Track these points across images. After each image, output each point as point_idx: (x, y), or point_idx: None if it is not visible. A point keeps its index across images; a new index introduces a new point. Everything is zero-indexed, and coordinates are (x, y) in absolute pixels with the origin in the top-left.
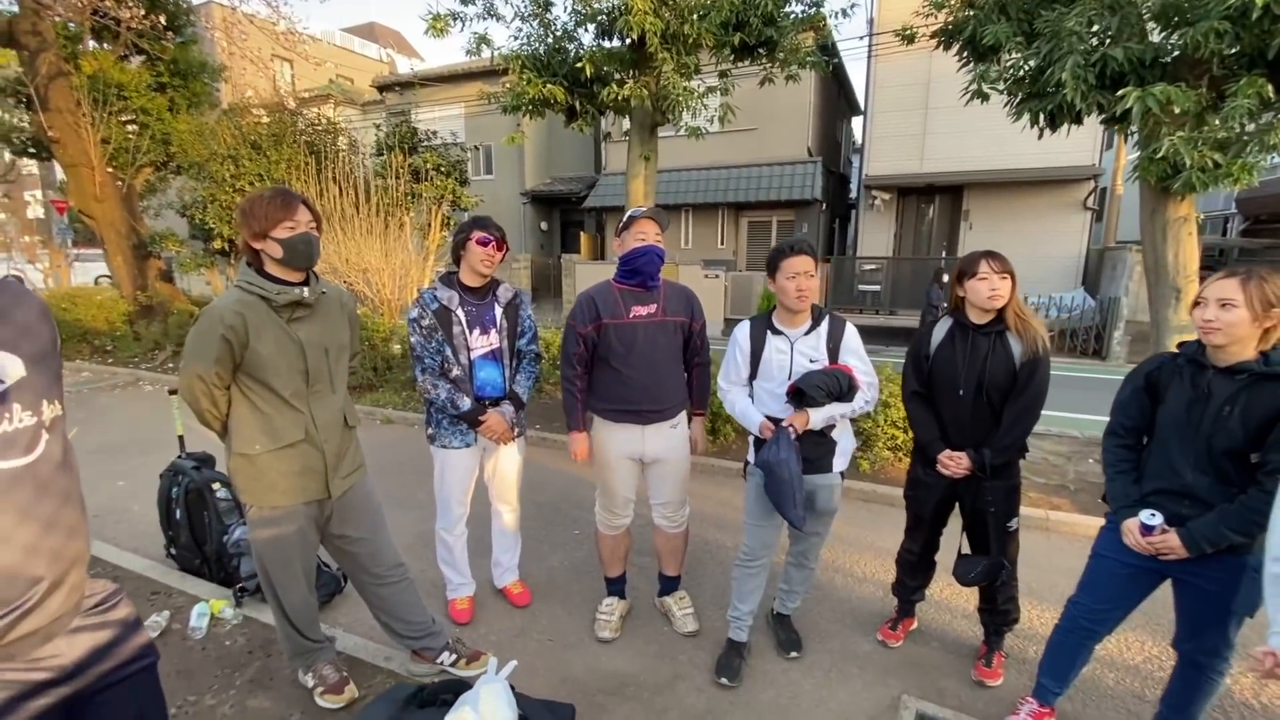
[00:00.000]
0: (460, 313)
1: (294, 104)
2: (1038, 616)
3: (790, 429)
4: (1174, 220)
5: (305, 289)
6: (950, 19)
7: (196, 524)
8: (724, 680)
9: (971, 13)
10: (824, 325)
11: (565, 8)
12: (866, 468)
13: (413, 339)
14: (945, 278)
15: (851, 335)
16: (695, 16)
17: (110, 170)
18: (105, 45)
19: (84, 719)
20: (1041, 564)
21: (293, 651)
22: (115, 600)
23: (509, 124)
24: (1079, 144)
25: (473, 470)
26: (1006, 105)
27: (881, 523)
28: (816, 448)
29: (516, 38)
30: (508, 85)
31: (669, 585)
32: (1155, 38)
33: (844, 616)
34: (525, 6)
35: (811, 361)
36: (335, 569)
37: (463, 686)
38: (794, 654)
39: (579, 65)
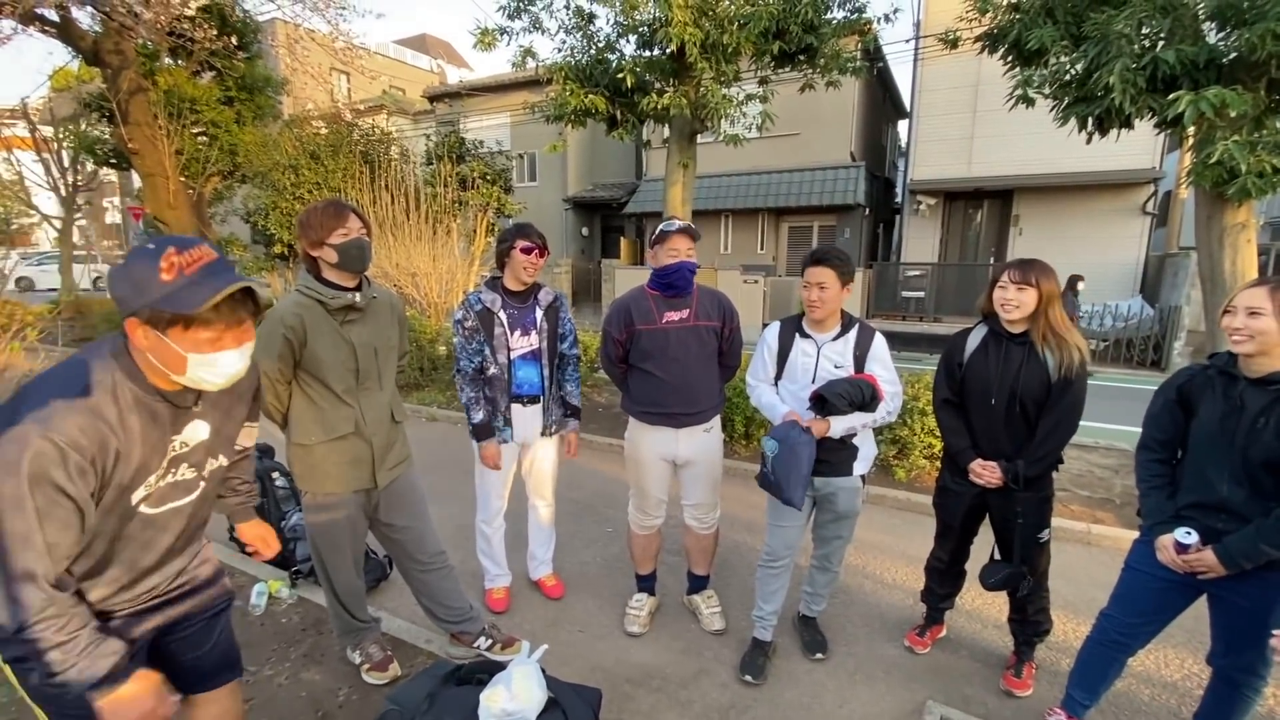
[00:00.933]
0: (503, 315)
1: (351, 116)
2: (1073, 629)
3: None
4: (1231, 227)
5: (357, 294)
6: (995, 23)
7: (255, 509)
8: (748, 678)
9: (1017, 16)
10: (853, 333)
11: (608, 20)
12: (902, 476)
13: (455, 339)
14: (1080, 285)
15: (879, 345)
16: (735, 26)
17: (183, 179)
18: (180, 62)
19: (169, 647)
20: (1080, 577)
21: (342, 630)
22: (202, 543)
23: (553, 132)
24: (1138, 146)
25: (511, 465)
26: (1053, 110)
27: (914, 531)
28: (837, 452)
29: (560, 50)
30: (551, 95)
31: (698, 584)
32: (1211, 39)
33: (871, 621)
34: (569, 20)
35: (836, 367)
36: (382, 556)
37: (497, 667)
38: (819, 655)
39: (620, 75)
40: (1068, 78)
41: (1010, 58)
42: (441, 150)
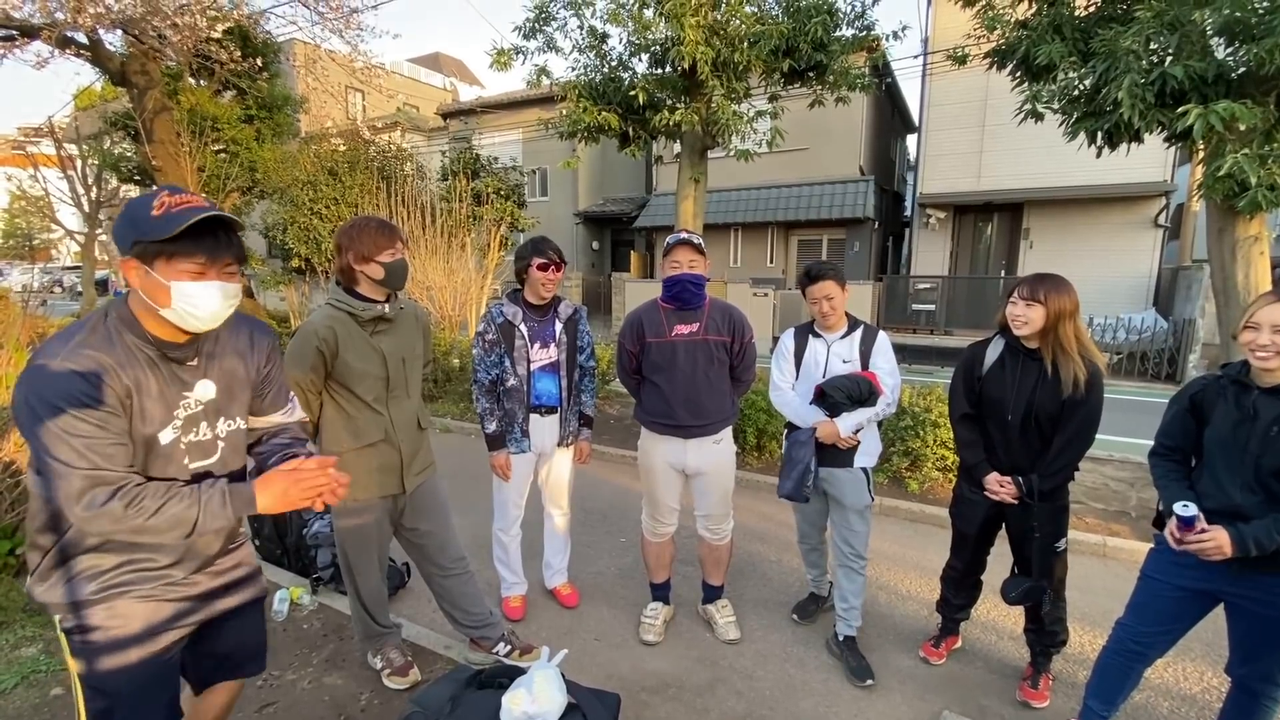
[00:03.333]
0: (523, 328)
1: (367, 132)
2: (1089, 641)
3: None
4: (1243, 239)
5: (386, 306)
6: (1003, 39)
7: (279, 518)
8: (795, 617)
9: (1025, 33)
10: (858, 332)
11: (620, 40)
12: (915, 488)
13: (475, 350)
14: None
15: (883, 341)
16: (746, 44)
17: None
18: (202, 82)
19: (206, 637)
20: (1096, 589)
21: (364, 634)
22: (242, 540)
23: (565, 148)
24: (1149, 159)
25: (528, 475)
26: (1062, 124)
27: (928, 543)
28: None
29: (574, 68)
30: (565, 113)
31: (712, 594)
32: (1219, 54)
33: (886, 632)
34: (583, 39)
35: (845, 362)
36: (400, 564)
37: (518, 671)
38: (869, 682)
39: (632, 93)
40: (1076, 93)
41: (1019, 73)
42: (457, 166)
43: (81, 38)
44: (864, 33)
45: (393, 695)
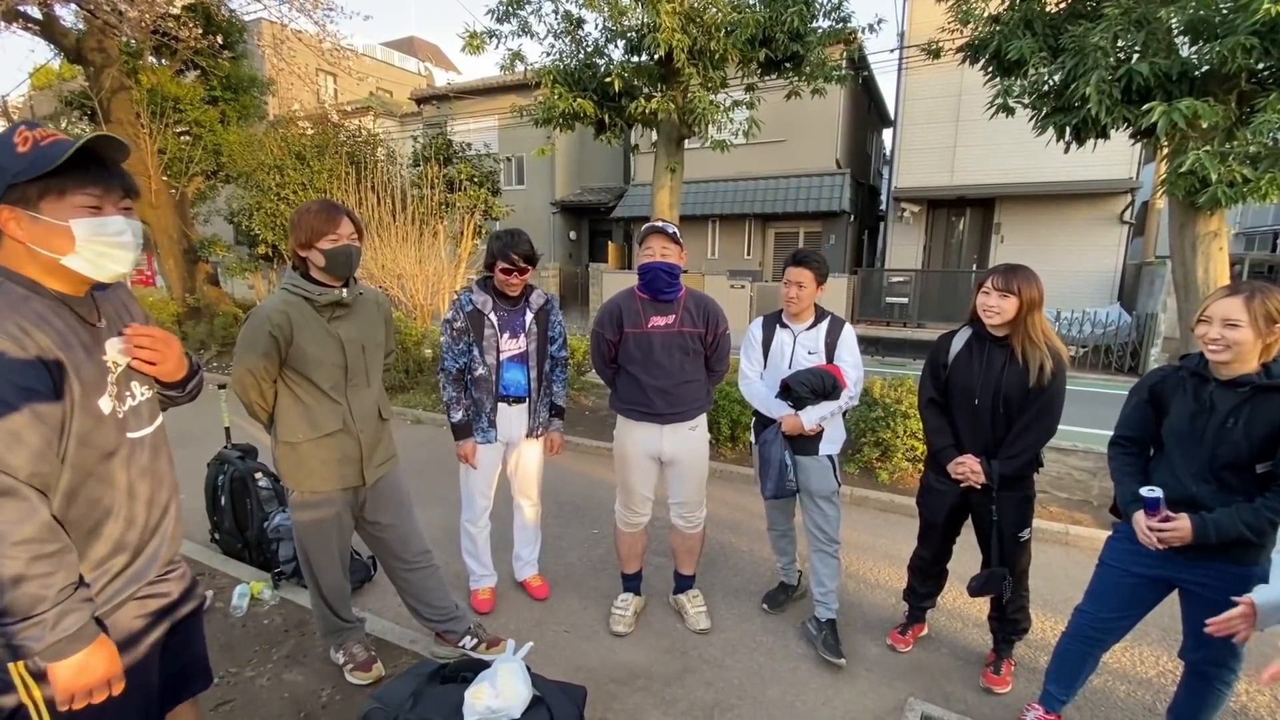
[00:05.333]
0: (493, 316)
1: (337, 117)
2: (1051, 627)
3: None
4: (1203, 235)
5: (344, 290)
6: (976, 34)
7: (239, 511)
8: (765, 607)
9: (997, 28)
10: (825, 323)
11: (596, 25)
12: (885, 478)
13: (443, 339)
14: None
15: (848, 334)
16: (722, 33)
17: (165, 179)
18: (163, 61)
19: (164, 656)
20: (1058, 576)
21: (326, 630)
22: (180, 563)
23: (541, 135)
24: (1116, 157)
25: (496, 465)
26: (1032, 119)
27: (897, 532)
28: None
29: (549, 54)
30: (539, 99)
31: (683, 584)
32: (1184, 52)
33: (854, 620)
34: (558, 24)
35: (810, 354)
36: (366, 557)
37: (482, 665)
38: (841, 661)
39: (608, 80)
40: (1046, 88)
41: (991, 68)
42: (428, 152)
43: (34, 11)
44: (840, 25)
45: (354, 691)
